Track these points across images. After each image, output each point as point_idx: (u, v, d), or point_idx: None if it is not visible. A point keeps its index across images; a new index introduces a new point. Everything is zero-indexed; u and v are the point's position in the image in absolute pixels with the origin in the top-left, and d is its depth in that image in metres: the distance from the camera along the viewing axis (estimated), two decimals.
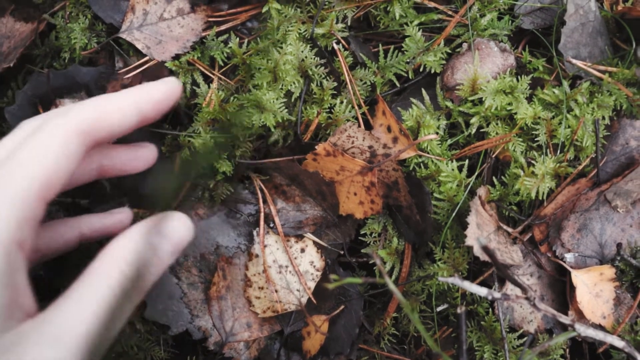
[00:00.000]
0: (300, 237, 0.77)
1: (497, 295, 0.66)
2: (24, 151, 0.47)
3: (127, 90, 0.56)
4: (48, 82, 0.73)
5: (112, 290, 0.48)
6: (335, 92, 0.77)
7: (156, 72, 0.79)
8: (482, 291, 0.65)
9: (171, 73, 0.79)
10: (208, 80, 0.79)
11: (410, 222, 0.74)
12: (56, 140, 0.48)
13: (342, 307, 0.77)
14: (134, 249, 0.51)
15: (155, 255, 0.53)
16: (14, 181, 0.44)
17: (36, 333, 0.44)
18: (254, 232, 0.77)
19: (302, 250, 0.76)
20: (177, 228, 0.55)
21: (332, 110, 0.76)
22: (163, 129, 0.79)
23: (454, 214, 0.72)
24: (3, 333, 0.44)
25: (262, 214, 0.77)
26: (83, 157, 0.51)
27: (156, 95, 0.56)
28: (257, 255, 0.76)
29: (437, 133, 0.75)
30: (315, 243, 0.76)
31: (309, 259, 0.75)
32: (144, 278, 0.51)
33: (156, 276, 0.53)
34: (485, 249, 0.66)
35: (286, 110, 0.76)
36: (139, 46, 0.78)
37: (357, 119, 0.76)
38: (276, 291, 0.74)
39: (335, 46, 0.76)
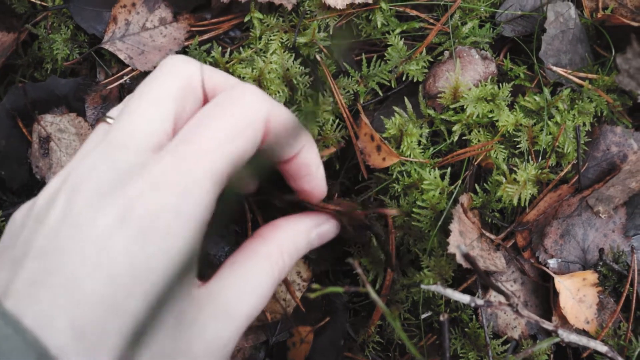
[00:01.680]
0: None
1: (479, 302, 0.66)
2: (221, 123, 0.45)
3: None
4: (25, 96, 0.73)
5: (272, 278, 0.50)
6: (330, 107, 0.77)
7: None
8: (464, 298, 0.65)
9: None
10: None
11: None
12: (253, 124, 0.47)
13: (328, 318, 0.77)
14: (296, 244, 0.55)
15: (305, 251, 0.58)
16: (215, 155, 0.44)
17: (211, 306, 0.45)
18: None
19: None
20: (330, 232, 0.62)
21: (323, 127, 0.76)
22: None
23: (440, 222, 0.73)
24: (187, 304, 0.44)
25: (249, 224, 0.77)
26: None
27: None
28: None
29: (419, 141, 0.75)
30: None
31: (296, 269, 0.75)
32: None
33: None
34: (467, 256, 0.66)
35: None
36: (122, 56, 0.78)
37: (344, 137, 0.76)
38: None
39: (317, 56, 0.76)
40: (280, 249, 0.53)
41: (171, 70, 0.50)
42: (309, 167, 0.57)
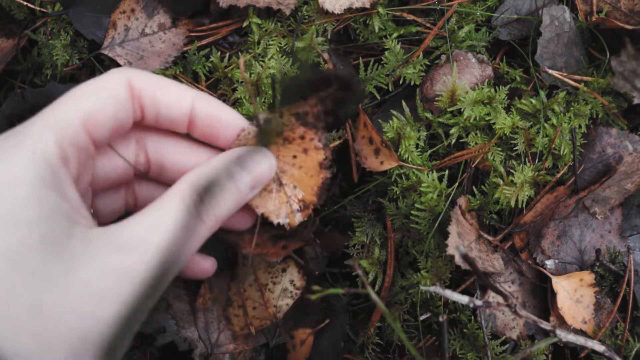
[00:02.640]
0: None
1: (478, 303, 0.67)
2: (78, 88, 0.51)
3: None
4: (24, 101, 0.74)
5: (185, 211, 0.49)
6: None
7: None
8: (463, 299, 0.66)
9: None
10: None
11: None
12: (106, 83, 0.51)
13: (328, 320, 0.78)
14: (210, 176, 0.53)
15: (234, 186, 0.55)
16: (61, 108, 0.49)
17: (106, 240, 0.46)
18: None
19: (284, 270, 0.76)
20: (260, 163, 0.57)
21: None
22: None
23: (437, 224, 0.73)
24: (69, 238, 0.44)
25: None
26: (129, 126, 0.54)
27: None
28: None
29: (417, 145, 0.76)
30: (296, 263, 0.76)
31: (290, 277, 0.76)
32: (217, 204, 0.53)
33: (234, 208, 0.55)
34: (465, 257, 0.67)
35: None
36: (121, 62, 0.78)
37: (340, 137, 0.77)
38: (254, 308, 0.75)
39: (326, 56, 0.77)
40: (190, 184, 0.51)
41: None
42: None
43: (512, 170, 0.74)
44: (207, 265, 0.62)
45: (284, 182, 0.62)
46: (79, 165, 0.49)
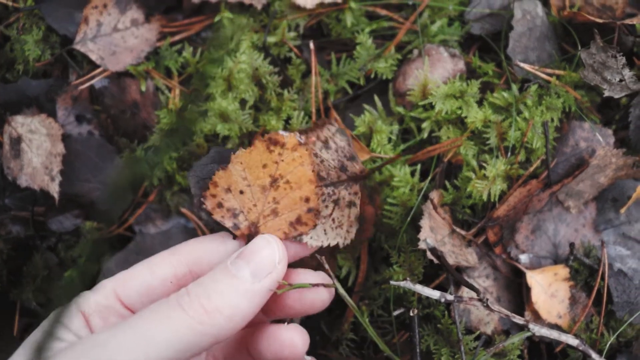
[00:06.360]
0: None
1: (449, 297, 0.66)
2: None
3: None
4: None
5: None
6: (294, 103, 0.77)
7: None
8: (434, 294, 0.65)
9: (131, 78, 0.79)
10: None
11: None
12: (151, 258, 0.60)
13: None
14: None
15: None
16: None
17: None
18: None
19: None
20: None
21: (290, 121, 0.77)
22: (120, 144, 0.79)
23: (409, 219, 0.73)
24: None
25: None
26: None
27: None
28: None
29: (389, 139, 0.76)
30: None
31: None
32: None
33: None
34: (433, 250, 0.66)
35: (251, 122, 0.76)
36: (93, 57, 0.78)
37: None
38: None
39: (312, 46, 0.77)
40: None
41: None
42: None
43: (484, 164, 0.74)
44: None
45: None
46: (101, 316, 0.56)
